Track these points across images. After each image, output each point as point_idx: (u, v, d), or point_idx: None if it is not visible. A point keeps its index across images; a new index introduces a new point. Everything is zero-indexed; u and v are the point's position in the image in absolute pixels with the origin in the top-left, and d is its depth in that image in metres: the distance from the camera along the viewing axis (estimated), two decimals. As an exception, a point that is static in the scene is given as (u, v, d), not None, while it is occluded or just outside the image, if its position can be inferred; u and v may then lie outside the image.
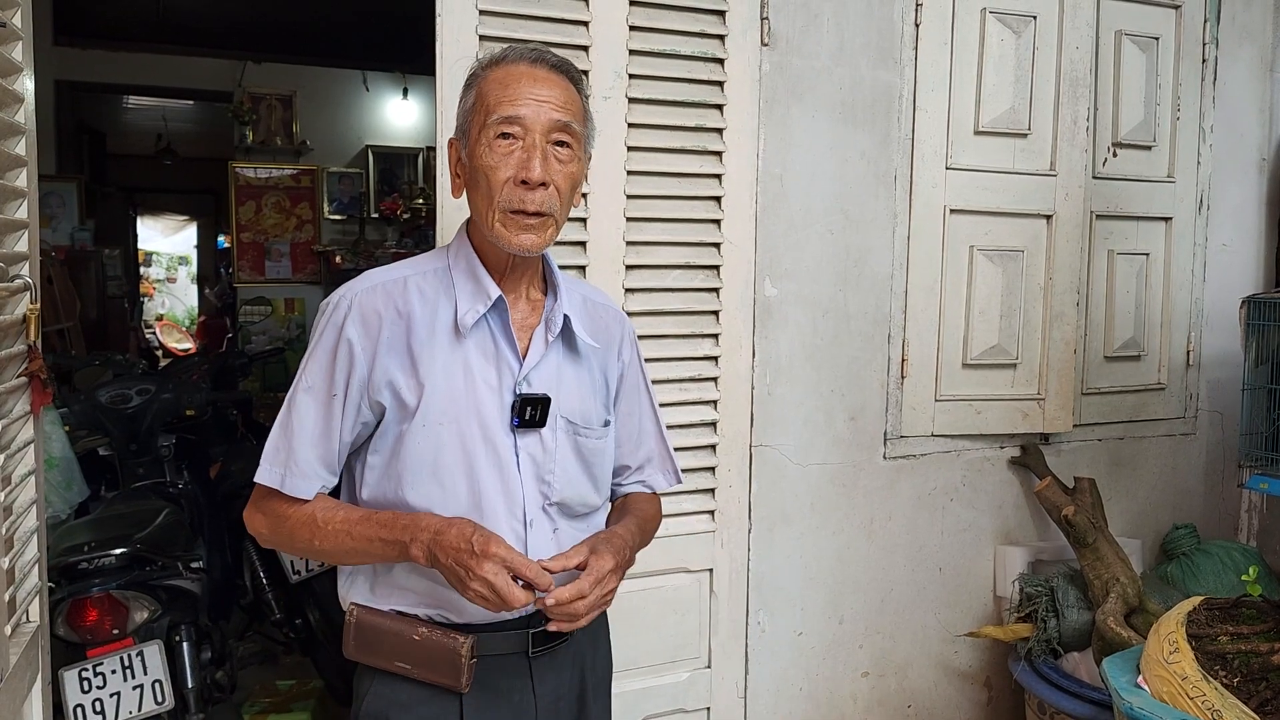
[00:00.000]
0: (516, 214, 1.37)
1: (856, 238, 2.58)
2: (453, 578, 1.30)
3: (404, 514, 1.37)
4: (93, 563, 2.49)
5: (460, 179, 1.46)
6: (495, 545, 1.28)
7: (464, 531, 1.30)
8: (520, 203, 1.37)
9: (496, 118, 1.37)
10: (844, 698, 2.68)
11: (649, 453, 1.68)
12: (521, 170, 1.36)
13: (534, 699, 1.45)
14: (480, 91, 1.41)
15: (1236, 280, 3.13)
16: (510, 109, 1.37)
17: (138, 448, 3.31)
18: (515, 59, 1.41)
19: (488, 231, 1.41)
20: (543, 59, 1.41)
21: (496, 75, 1.40)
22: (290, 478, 1.40)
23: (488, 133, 1.37)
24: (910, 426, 2.68)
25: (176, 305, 13.30)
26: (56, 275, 5.55)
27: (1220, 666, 1.94)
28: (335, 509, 1.40)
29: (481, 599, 1.28)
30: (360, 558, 1.40)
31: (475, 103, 1.41)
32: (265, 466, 1.41)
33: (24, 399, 1.61)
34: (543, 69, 1.40)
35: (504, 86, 1.38)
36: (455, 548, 1.29)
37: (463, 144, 1.44)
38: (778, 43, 2.44)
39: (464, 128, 1.43)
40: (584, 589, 1.33)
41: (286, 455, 1.41)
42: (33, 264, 1.63)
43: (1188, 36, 2.98)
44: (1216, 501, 3.18)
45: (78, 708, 2.38)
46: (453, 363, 1.40)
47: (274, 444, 1.42)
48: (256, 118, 7.29)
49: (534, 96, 1.37)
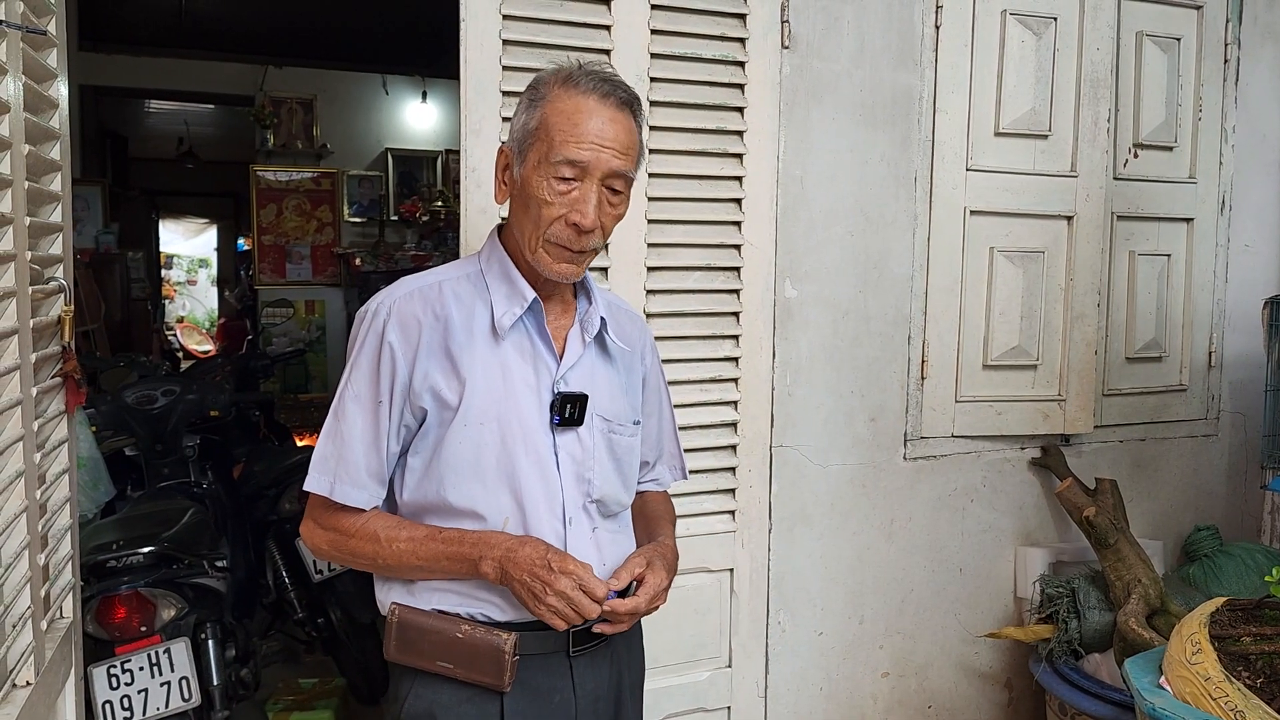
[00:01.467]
0: (562, 248, 1.40)
1: (876, 239, 2.59)
2: (525, 592, 1.34)
3: (472, 531, 1.40)
4: (121, 561, 2.53)
5: (506, 189, 1.46)
6: (572, 563, 1.34)
7: (539, 549, 1.35)
8: (568, 242, 1.40)
9: (560, 158, 1.36)
10: (864, 697, 2.69)
11: (663, 451, 1.73)
12: (574, 213, 1.38)
13: (575, 699, 1.47)
14: (546, 118, 1.39)
15: (1259, 281, 3.11)
16: (575, 152, 1.36)
17: (163, 448, 3.35)
18: (587, 88, 1.38)
19: (528, 254, 1.43)
20: (614, 93, 1.39)
21: (565, 105, 1.38)
22: (340, 485, 1.42)
23: (548, 169, 1.38)
24: (930, 427, 2.68)
25: (197, 307, 13.40)
26: (82, 278, 5.61)
27: (1243, 667, 1.93)
28: (399, 526, 1.42)
29: (554, 613, 1.33)
30: (426, 574, 1.42)
31: (538, 128, 1.39)
32: (314, 475, 1.43)
33: (59, 399, 1.64)
34: (612, 106, 1.39)
35: (572, 124, 1.37)
36: (531, 563, 1.34)
37: (517, 161, 1.43)
38: (798, 45, 2.45)
39: (522, 147, 1.42)
40: (640, 607, 1.41)
41: (336, 463, 1.42)
42: (66, 266, 1.66)
43: (1209, 37, 2.97)
44: (1239, 503, 3.17)
45: (106, 704, 2.41)
46: (491, 363, 1.42)
47: (322, 452, 1.43)
48: (277, 121, 7.36)
49: (599, 141, 1.37)
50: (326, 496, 1.43)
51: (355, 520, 1.43)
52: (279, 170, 7.32)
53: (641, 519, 1.66)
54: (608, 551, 1.50)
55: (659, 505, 1.71)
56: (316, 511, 1.47)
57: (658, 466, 1.72)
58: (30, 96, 1.49)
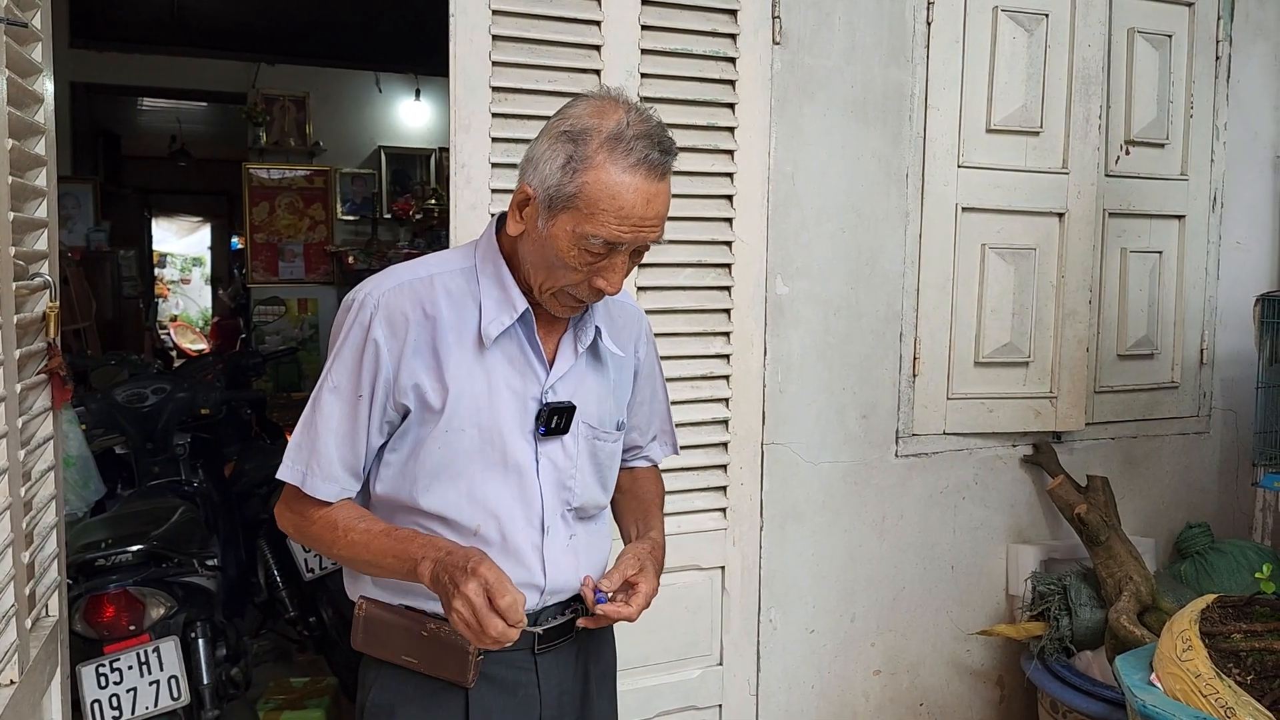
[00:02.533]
0: (575, 302, 1.38)
1: (868, 236, 2.58)
2: (443, 595, 1.26)
3: (423, 534, 1.36)
4: (110, 559, 2.52)
5: (522, 224, 1.36)
6: (486, 567, 1.25)
7: (469, 554, 1.28)
8: (585, 298, 1.37)
9: (599, 240, 1.29)
10: (856, 695, 2.68)
11: (656, 430, 1.71)
12: (601, 280, 1.33)
13: (539, 694, 1.46)
14: (586, 188, 1.27)
15: (1250, 278, 3.11)
16: (616, 235, 1.29)
17: (154, 446, 3.34)
18: (635, 162, 1.27)
19: (536, 292, 1.38)
20: (661, 165, 1.29)
21: (609, 181, 1.27)
22: (311, 477, 1.40)
23: (581, 240, 1.29)
24: (922, 425, 2.68)
25: (191, 306, 13.38)
26: (73, 276, 5.59)
27: (1234, 664, 1.93)
28: (359, 519, 1.39)
29: (462, 622, 1.24)
30: (373, 570, 1.39)
31: (576, 194, 1.28)
32: (288, 464, 1.42)
33: (44, 395, 1.63)
34: (657, 179, 1.29)
35: (616, 205, 1.27)
36: (453, 565, 1.26)
37: (543, 214, 1.32)
38: (789, 41, 2.44)
39: (552, 204, 1.30)
40: (633, 615, 1.41)
41: (309, 454, 1.41)
42: (52, 262, 1.65)
43: (1201, 34, 2.97)
44: (1230, 500, 3.17)
45: (95, 703, 2.40)
46: (476, 370, 1.39)
47: (297, 441, 1.42)
48: (270, 119, 7.34)
49: (641, 223, 1.30)
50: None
51: (320, 507, 1.41)
52: (271, 168, 7.31)
53: (634, 499, 1.64)
54: (584, 556, 1.49)
55: (651, 484, 1.69)
56: (287, 493, 1.45)
57: (651, 445, 1.71)
58: (14, 91, 1.48)
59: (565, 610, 1.48)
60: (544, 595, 1.44)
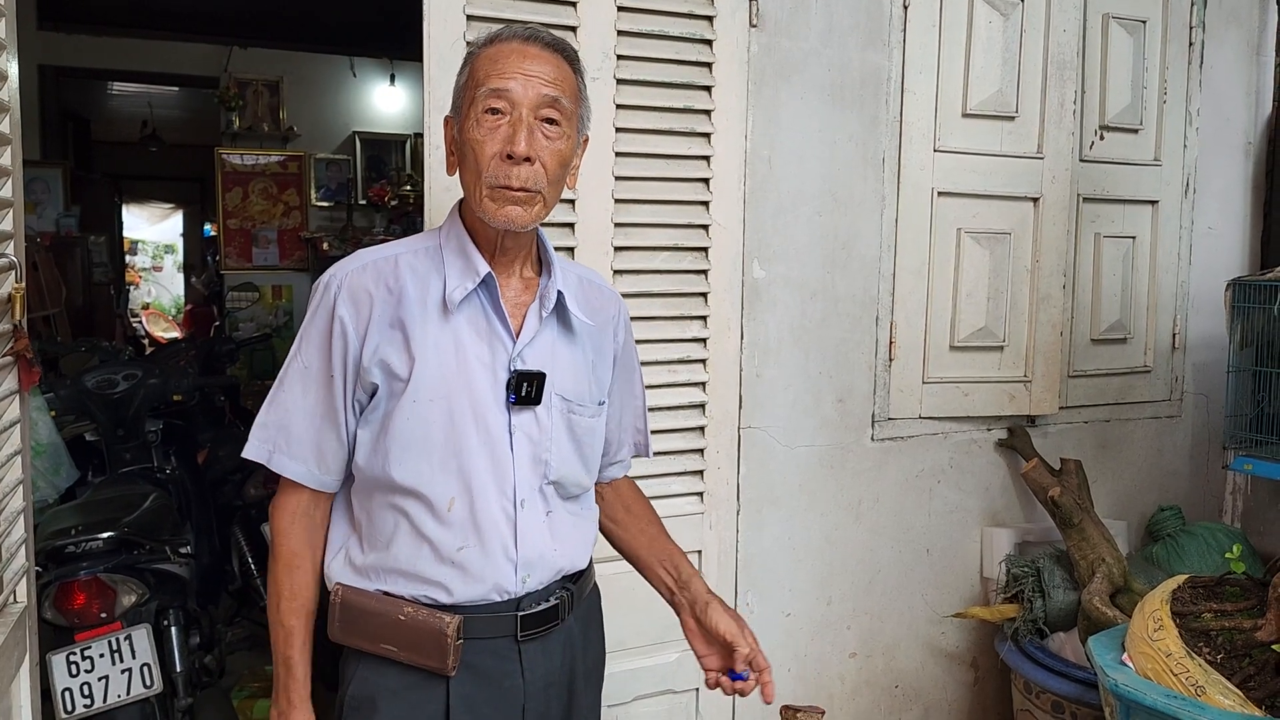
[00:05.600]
0: (502, 189, 1.36)
1: (845, 220, 2.58)
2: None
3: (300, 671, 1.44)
4: (80, 546, 2.48)
5: (454, 156, 1.45)
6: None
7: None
8: (506, 178, 1.35)
9: (484, 90, 1.36)
10: (832, 678, 2.70)
11: (633, 431, 1.70)
12: (507, 145, 1.35)
13: (523, 684, 1.44)
14: (473, 68, 1.41)
15: (1221, 264, 3.14)
16: (498, 81, 1.36)
17: (125, 433, 3.30)
18: (509, 37, 1.40)
19: (476, 207, 1.40)
20: (536, 36, 1.41)
21: (489, 52, 1.40)
22: (279, 455, 1.40)
23: (476, 107, 1.37)
24: (898, 408, 2.69)
25: (163, 294, 13.21)
26: (42, 261, 5.51)
27: (1204, 643, 1.95)
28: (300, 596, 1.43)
29: None
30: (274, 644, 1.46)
31: (468, 79, 1.41)
32: (254, 442, 1.41)
33: (10, 378, 1.61)
34: (535, 46, 1.39)
35: (494, 62, 1.38)
36: None
37: (456, 121, 1.43)
38: (766, 24, 2.43)
39: (457, 104, 1.43)
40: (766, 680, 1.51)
41: (276, 432, 1.40)
42: (17, 243, 1.62)
43: (1175, 20, 2.98)
44: (1201, 483, 3.21)
45: (66, 692, 2.37)
46: (443, 339, 1.39)
47: (263, 420, 1.41)
48: (243, 103, 7.25)
49: (523, 71, 1.37)
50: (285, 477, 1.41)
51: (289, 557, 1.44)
52: (245, 153, 7.22)
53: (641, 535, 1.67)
54: (562, 535, 1.47)
55: (645, 507, 1.71)
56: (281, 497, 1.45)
57: (626, 448, 1.70)
58: (-24, 67, 1.44)
59: (548, 597, 1.46)
60: (519, 572, 1.41)
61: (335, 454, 1.42)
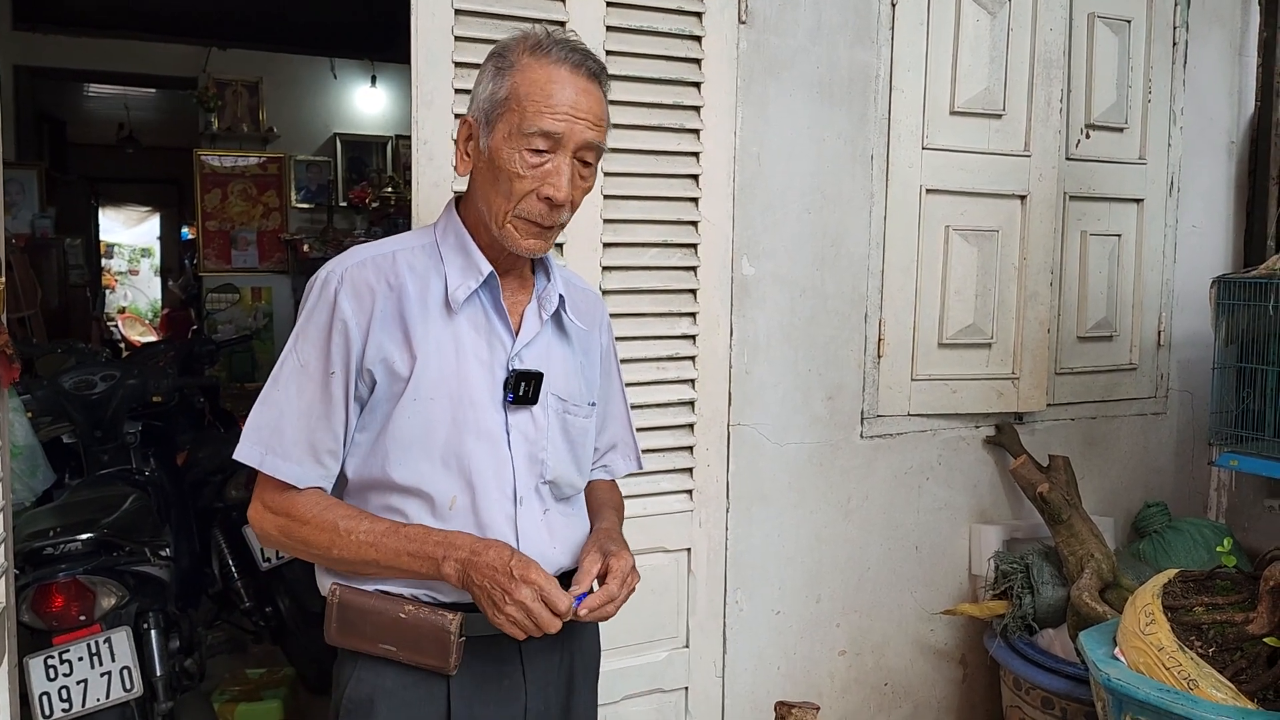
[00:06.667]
0: (534, 224, 1.36)
1: (833, 217, 2.58)
2: (485, 599, 1.28)
3: (437, 530, 1.34)
4: (59, 548, 2.44)
5: (469, 160, 1.41)
6: (535, 572, 1.27)
7: (503, 554, 1.29)
8: (540, 217, 1.36)
9: (535, 130, 1.32)
10: (821, 676, 2.69)
11: (615, 437, 1.68)
12: (547, 187, 1.34)
13: (524, 683, 1.42)
14: (516, 87, 1.34)
15: (1206, 262, 3.16)
16: (550, 123, 1.32)
17: (103, 435, 3.25)
18: (558, 59, 1.35)
19: (495, 228, 1.38)
20: (585, 63, 1.36)
21: (537, 75, 1.34)
22: (271, 457, 1.36)
23: (520, 140, 1.33)
24: (887, 406, 2.69)
25: (139, 298, 13.09)
26: (17, 263, 5.43)
27: (1196, 637, 1.95)
28: (359, 518, 1.35)
29: (513, 623, 1.27)
30: (383, 571, 1.35)
31: (508, 98, 1.35)
32: (246, 444, 1.37)
33: (-11, 373, 1.57)
34: (584, 77, 1.35)
35: (545, 94, 1.33)
36: (493, 569, 1.27)
37: (484, 132, 1.38)
38: (755, 21, 2.43)
39: (490, 117, 1.37)
40: (614, 592, 1.35)
41: (269, 433, 1.36)
42: (-3, 236, 1.59)
43: (1159, 19, 3.00)
44: (1187, 480, 3.22)
45: (44, 696, 2.32)
46: (444, 338, 1.37)
47: (256, 420, 1.37)
48: (222, 104, 7.19)
49: (573, 111, 1.33)
50: (278, 479, 1.36)
51: (310, 507, 1.36)
52: (224, 155, 7.15)
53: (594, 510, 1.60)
54: (559, 535, 1.46)
55: (604, 493, 1.65)
56: (267, 494, 1.39)
57: (610, 454, 1.68)
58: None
59: None
60: None
61: (330, 454, 1.39)
